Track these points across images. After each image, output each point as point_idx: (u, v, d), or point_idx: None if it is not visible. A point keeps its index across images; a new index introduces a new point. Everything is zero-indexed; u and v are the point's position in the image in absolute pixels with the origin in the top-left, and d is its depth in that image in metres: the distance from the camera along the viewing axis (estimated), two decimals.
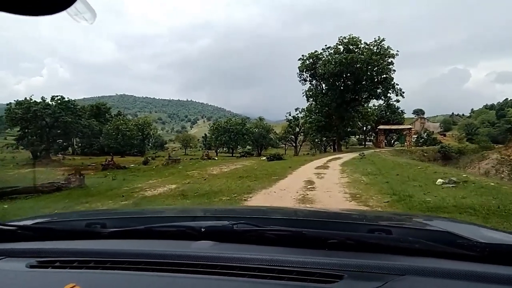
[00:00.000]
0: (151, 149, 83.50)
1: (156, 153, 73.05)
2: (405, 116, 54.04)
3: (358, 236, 1.01)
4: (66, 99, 51.23)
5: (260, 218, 1.48)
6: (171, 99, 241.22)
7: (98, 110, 76.04)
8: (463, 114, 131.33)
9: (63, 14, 0.49)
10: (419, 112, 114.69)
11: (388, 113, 51.61)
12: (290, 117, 53.94)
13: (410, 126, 45.38)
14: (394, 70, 34.40)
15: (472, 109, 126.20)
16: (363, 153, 24.65)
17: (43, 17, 0.50)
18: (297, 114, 48.79)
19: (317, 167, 17.16)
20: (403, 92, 35.44)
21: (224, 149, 71.19)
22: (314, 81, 37.24)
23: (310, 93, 37.43)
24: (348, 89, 35.64)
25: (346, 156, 27.08)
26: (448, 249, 0.91)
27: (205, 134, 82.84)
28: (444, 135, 78.92)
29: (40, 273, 0.91)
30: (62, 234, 1.17)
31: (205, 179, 13.98)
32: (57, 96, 50.48)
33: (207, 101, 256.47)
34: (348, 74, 33.67)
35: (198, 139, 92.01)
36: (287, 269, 0.82)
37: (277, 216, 1.63)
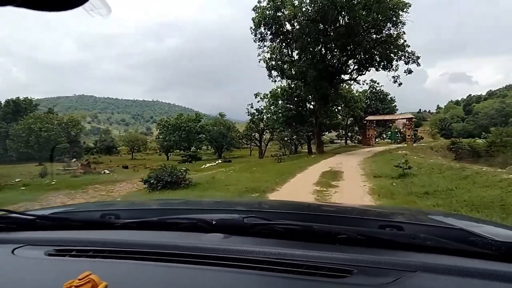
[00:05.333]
0: (97, 153, 65.70)
1: (98, 158, 56.50)
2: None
3: (368, 231, 0.95)
4: None
5: (270, 212, 1.40)
6: (135, 99, 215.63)
7: (16, 107, 57.02)
8: (429, 111, 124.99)
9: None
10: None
11: (374, 101, 37.21)
12: (253, 110, 38.29)
13: (410, 116, 31.20)
14: (404, 23, 19.40)
15: (438, 105, 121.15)
16: (407, 161, 8.82)
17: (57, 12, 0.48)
18: (258, 102, 33.20)
19: None
20: (418, 58, 20.59)
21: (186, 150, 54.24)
22: (278, 40, 21.47)
23: (273, 62, 21.56)
24: (333, 48, 20.05)
25: (345, 164, 11.73)
26: (462, 246, 0.83)
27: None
28: (417, 131, 70.10)
29: (57, 261, 0.89)
30: (79, 224, 1.15)
31: None
32: None
33: (174, 102, 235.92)
34: (336, 19, 18.20)
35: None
36: (296, 263, 0.78)
37: (287, 210, 1.54)
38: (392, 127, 38.87)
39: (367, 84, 36.61)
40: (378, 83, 37.15)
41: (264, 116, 37.20)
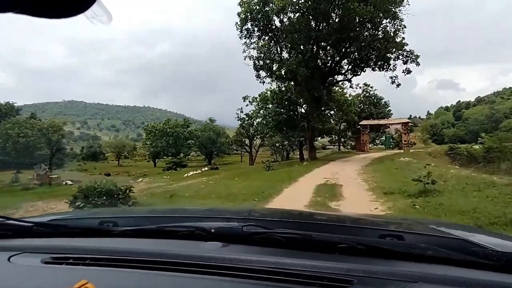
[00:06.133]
0: (83, 160, 62.78)
1: (82, 165, 53.96)
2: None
3: (368, 241, 0.93)
4: None
5: (269, 221, 1.34)
6: (126, 105, 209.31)
7: None
8: (420, 117, 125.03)
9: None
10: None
11: (367, 105, 35.40)
12: (243, 115, 36.01)
13: (406, 120, 29.45)
14: (402, 20, 17.68)
15: (428, 111, 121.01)
16: (429, 174, 6.72)
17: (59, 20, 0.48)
18: (247, 106, 31.18)
19: None
20: (418, 57, 18.82)
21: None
22: (267, 37, 19.46)
23: (261, 61, 19.49)
24: (326, 45, 18.06)
25: (342, 174, 9.65)
26: (463, 257, 0.82)
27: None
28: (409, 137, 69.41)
29: (54, 269, 0.88)
30: (76, 232, 1.12)
31: None
32: None
33: (166, 107, 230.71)
34: (329, 12, 16.26)
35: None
36: (296, 273, 0.76)
37: (286, 218, 1.50)
38: (386, 132, 37.22)
39: (360, 87, 35.05)
40: (371, 87, 35.50)
41: (255, 121, 35.14)
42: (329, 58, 18.96)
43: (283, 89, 26.47)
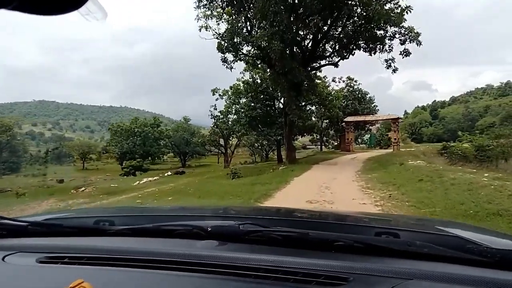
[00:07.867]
0: (46, 163, 56.02)
1: (43, 169, 47.94)
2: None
3: (365, 239, 0.93)
4: None
5: (266, 219, 1.31)
6: (102, 105, 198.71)
7: None
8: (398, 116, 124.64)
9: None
10: None
11: (351, 101, 31.60)
12: (217, 113, 31.08)
13: (396, 116, 25.89)
14: None
15: (406, 111, 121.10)
16: None
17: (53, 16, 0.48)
18: (217, 100, 26.61)
19: None
20: (418, 35, 14.93)
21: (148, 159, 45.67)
22: (234, 10, 14.91)
23: (226, 39, 14.88)
24: (308, 14, 13.70)
25: (336, 187, 5.30)
26: (458, 254, 0.82)
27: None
28: (387, 135, 67.70)
29: (49, 268, 0.87)
30: (71, 231, 1.10)
31: None
32: None
33: (144, 108, 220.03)
34: None
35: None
36: (293, 271, 0.76)
37: (283, 217, 1.50)
38: (372, 129, 33.71)
39: (343, 81, 31.29)
40: (355, 81, 31.79)
41: (229, 119, 30.51)
42: (311, 31, 14.55)
43: (258, 80, 22.21)
